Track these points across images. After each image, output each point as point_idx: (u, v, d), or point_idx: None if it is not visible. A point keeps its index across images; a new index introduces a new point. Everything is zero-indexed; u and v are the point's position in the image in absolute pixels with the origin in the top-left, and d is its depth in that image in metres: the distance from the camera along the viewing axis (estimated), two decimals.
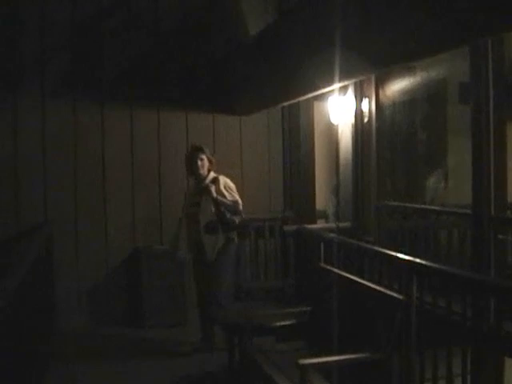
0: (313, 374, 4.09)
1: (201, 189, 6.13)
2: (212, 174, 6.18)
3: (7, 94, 6.97)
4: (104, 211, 7.29)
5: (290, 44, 5.65)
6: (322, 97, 6.58)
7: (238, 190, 6.28)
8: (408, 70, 6.53)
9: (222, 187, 6.09)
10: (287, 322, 5.01)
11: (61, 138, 7.17)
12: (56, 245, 6.86)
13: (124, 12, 7.39)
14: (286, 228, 6.84)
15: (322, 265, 5.07)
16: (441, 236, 5.98)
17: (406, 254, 4.13)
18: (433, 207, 6.42)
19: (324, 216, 8.75)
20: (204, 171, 6.16)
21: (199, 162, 6.12)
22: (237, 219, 6.09)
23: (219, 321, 5.48)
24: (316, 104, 7.69)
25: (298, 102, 7.07)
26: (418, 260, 3.91)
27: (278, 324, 5.03)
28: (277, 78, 6.17)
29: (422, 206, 6.65)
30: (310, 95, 6.11)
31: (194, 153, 6.18)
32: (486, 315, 3.63)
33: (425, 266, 3.85)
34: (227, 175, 6.25)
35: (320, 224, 7.82)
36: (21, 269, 3.88)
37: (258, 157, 7.95)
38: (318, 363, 3.97)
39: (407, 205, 6.56)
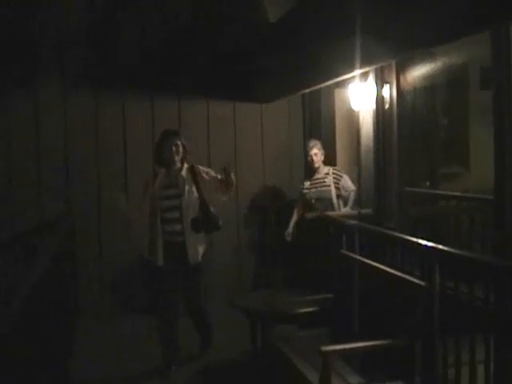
0: (335, 360, 4.11)
1: (176, 180, 5.47)
2: (186, 164, 5.54)
3: (28, 86, 7.02)
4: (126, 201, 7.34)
5: (311, 30, 5.64)
6: (343, 83, 6.56)
7: (260, 179, 6.30)
8: (429, 56, 6.49)
9: (204, 175, 5.52)
10: (309, 309, 5.03)
11: (82, 130, 7.23)
12: (79, 235, 6.93)
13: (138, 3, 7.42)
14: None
15: (344, 251, 5.07)
16: (462, 222, 5.95)
17: (427, 240, 4.12)
18: (454, 193, 6.38)
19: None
20: (178, 159, 5.47)
21: (173, 149, 5.43)
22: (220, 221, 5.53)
23: (242, 308, 5.50)
24: (337, 91, 7.66)
25: (319, 89, 7.06)
26: (440, 246, 3.90)
27: (300, 311, 5.05)
28: (297, 65, 6.16)
29: (443, 192, 6.62)
30: (331, 82, 6.10)
31: (167, 138, 5.47)
32: (509, 301, 3.61)
33: (447, 251, 3.84)
34: (248, 164, 6.28)
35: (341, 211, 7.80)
36: (44, 259, 3.92)
37: (279, 144, 7.96)
38: (341, 350, 3.99)
39: (429, 191, 6.53)
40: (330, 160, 7.17)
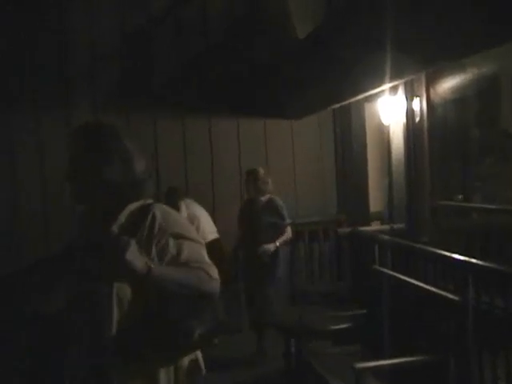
0: (368, 377, 4.06)
1: None
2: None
3: (59, 105, 7.10)
4: None
5: (340, 45, 5.63)
6: (373, 98, 6.54)
7: (291, 195, 6.32)
8: (459, 67, 6.43)
9: None
10: (343, 326, 4.99)
11: None
12: None
13: (172, 19, 7.48)
14: (341, 231, 6.80)
15: (377, 267, 5.02)
16: (496, 235, 5.86)
17: (462, 254, 4.07)
18: (488, 206, 6.29)
19: (379, 217, 8.67)
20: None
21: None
22: None
23: (276, 323, 5.48)
24: (367, 105, 7.64)
25: (349, 103, 7.04)
26: (473, 260, 3.84)
27: (333, 327, 5.01)
28: (327, 80, 6.15)
29: (477, 204, 6.53)
30: (361, 96, 6.08)
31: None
32: None
33: (480, 265, 3.78)
34: (280, 181, 6.30)
35: (374, 226, 7.74)
36: None
37: (311, 160, 7.94)
38: (374, 366, 3.95)
39: (462, 204, 6.45)
40: (361, 175, 7.13)
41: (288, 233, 6.46)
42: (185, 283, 2.35)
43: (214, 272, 2.43)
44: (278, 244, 6.30)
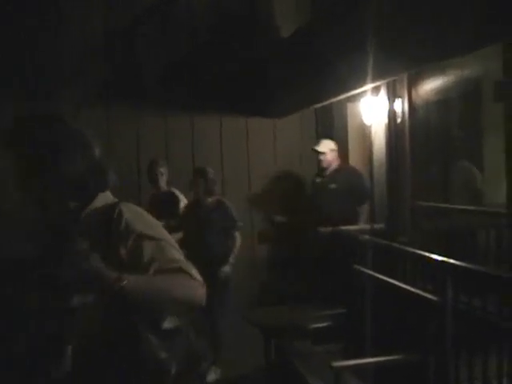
0: (348, 376, 4.08)
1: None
2: None
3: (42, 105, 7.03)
4: None
5: (323, 45, 5.64)
6: (356, 98, 6.55)
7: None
8: (441, 70, 6.46)
9: None
10: (323, 325, 5.01)
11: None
12: None
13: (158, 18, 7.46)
14: (321, 230, 6.81)
15: (357, 267, 5.05)
16: (478, 236, 5.89)
17: (441, 254, 4.09)
18: (468, 207, 6.33)
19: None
20: None
21: None
22: None
23: (255, 323, 5.48)
24: (350, 105, 7.65)
25: (332, 103, 7.05)
26: (452, 260, 3.87)
27: (314, 326, 5.03)
28: (310, 80, 6.16)
29: (457, 205, 6.56)
30: (343, 96, 6.10)
31: None
32: None
33: (459, 266, 3.81)
34: (261, 178, 6.28)
35: (355, 226, 7.76)
36: None
37: (292, 159, 7.94)
38: (352, 365, 3.97)
39: (442, 205, 6.48)
40: None
41: (238, 239, 6.20)
42: (167, 294, 2.08)
43: (196, 272, 2.13)
44: (232, 261, 6.04)
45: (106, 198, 2.25)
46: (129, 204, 2.22)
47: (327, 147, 6.96)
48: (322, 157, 6.95)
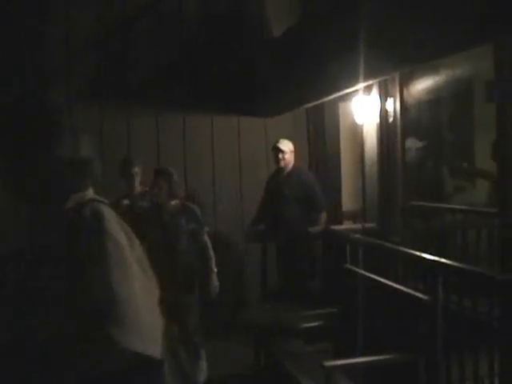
0: (339, 376, 4.08)
1: None
2: None
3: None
4: None
5: (314, 44, 5.64)
6: (348, 97, 6.55)
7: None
8: (433, 69, 6.47)
9: None
10: (314, 324, 5.00)
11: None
12: None
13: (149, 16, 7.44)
14: (312, 229, 6.79)
15: (348, 266, 5.04)
16: (469, 236, 5.90)
17: (433, 254, 4.09)
18: (460, 207, 6.34)
19: (351, 217, 8.70)
20: None
21: None
22: None
23: (246, 322, 5.46)
24: (341, 105, 7.65)
25: (323, 103, 7.05)
26: (443, 260, 3.86)
27: (305, 326, 5.02)
28: (301, 79, 6.16)
29: (449, 205, 6.57)
30: (335, 95, 6.09)
31: None
32: None
33: (450, 265, 3.81)
34: (252, 177, 6.25)
35: (346, 225, 7.76)
36: None
37: None
38: (343, 365, 3.96)
39: (433, 204, 6.49)
40: (334, 174, 7.14)
41: (209, 243, 5.68)
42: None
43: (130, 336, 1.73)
44: (215, 269, 5.58)
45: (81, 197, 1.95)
46: (101, 206, 1.94)
47: (288, 147, 6.87)
48: (281, 155, 6.83)
